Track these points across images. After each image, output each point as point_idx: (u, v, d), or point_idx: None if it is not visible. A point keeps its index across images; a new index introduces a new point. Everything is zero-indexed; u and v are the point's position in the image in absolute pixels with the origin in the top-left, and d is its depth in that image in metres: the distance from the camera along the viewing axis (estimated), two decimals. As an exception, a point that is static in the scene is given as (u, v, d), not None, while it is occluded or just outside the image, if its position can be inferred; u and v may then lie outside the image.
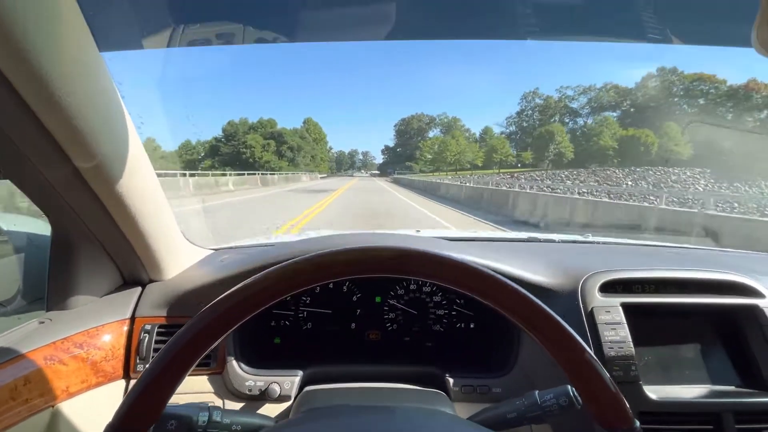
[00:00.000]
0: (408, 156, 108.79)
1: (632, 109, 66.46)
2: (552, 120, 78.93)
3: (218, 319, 0.39)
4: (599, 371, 0.38)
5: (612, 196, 16.41)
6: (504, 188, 16.59)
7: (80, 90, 0.56)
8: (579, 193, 16.58)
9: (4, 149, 0.60)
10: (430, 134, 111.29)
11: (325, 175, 75.16)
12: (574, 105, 78.43)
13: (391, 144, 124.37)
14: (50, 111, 0.54)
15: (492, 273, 0.41)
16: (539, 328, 0.39)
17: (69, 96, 0.54)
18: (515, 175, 43.22)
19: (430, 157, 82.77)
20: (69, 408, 0.74)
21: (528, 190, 14.93)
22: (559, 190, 21.30)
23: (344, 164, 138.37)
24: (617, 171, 39.27)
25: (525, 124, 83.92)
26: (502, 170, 66.51)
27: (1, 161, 0.63)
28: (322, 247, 0.45)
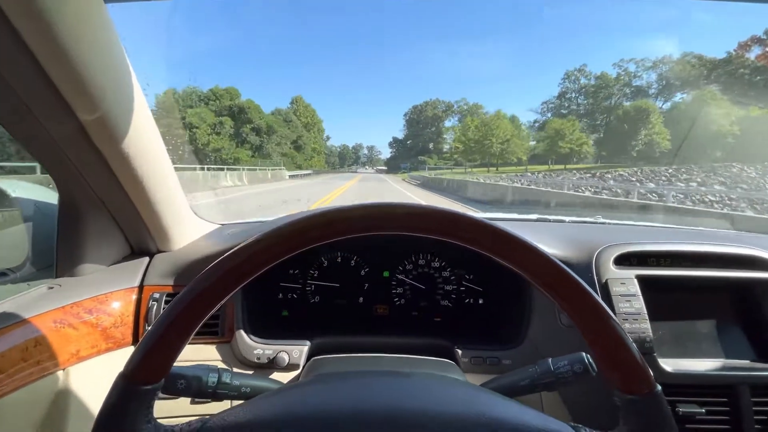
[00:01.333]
0: (420, 149, 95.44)
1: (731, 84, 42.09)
2: (607, 102, 62.24)
3: (226, 275, 0.38)
4: (622, 335, 0.37)
5: None
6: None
7: (84, 39, 0.54)
8: None
9: (9, 104, 0.58)
10: (447, 123, 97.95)
11: (308, 172, 48.19)
12: (639, 83, 61.27)
13: (401, 136, 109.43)
14: (54, 60, 0.53)
15: (516, 234, 0.40)
16: (562, 292, 0.39)
17: (73, 45, 0.53)
18: (598, 173, 26.82)
19: (460, 147, 61.18)
20: (80, 371, 0.75)
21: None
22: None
23: (348, 159, 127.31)
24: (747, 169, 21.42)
25: (565, 111, 66.93)
26: (568, 166, 45.52)
27: (9, 120, 0.62)
28: None
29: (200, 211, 1.12)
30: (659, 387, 0.38)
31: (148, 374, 0.37)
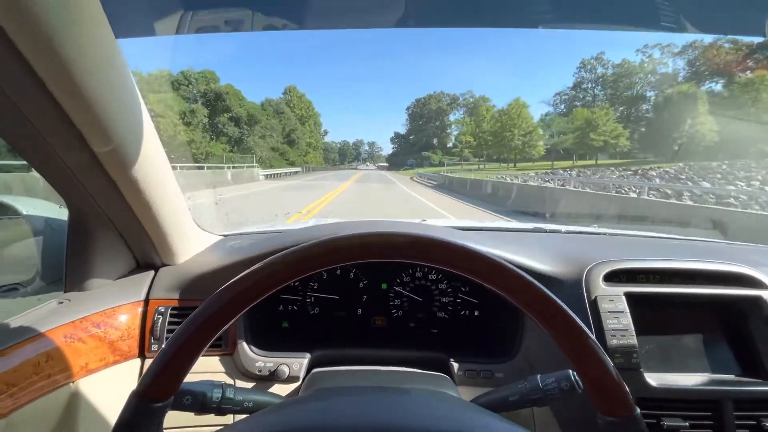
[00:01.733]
0: (424, 144, 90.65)
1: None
2: (629, 92, 57.13)
3: (234, 299, 0.41)
4: (602, 357, 0.38)
5: None
6: None
7: (99, 76, 0.57)
8: None
9: (26, 136, 0.62)
10: (452, 117, 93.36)
11: (295, 170, 42.16)
12: (664, 70, 54.14)
13: (403, 131, 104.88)
14: (71, 97, 0.55)
15: (496, 258, 0.42)
16: (542, 314, 0.40)
17: (89, 82, 0.55)
18: (640, 171, 23.47)
19: (472, 140, 59.54)
20: (88, 384, 0.78)
21: None
22: None
23: (348, 155, 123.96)
24: None
25: (579, 103, 61.52)
26: (600, 162, 40.58)
27: (24, 147, 0.65)
28: (331, 234, 0.45)
29: (202, 223, 1.15)
30: (638, 410, 0.39)
31: (160, 392, 0.39)
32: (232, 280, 0.41)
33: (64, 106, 0.56)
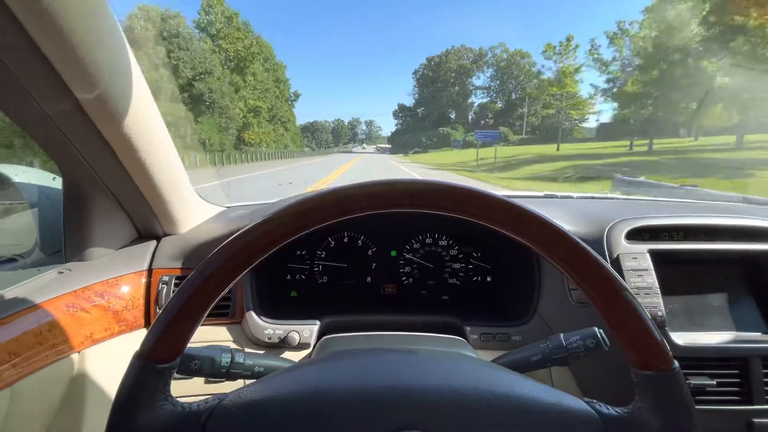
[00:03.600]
0: (437, 119, 69.50)
1: None
2: None
3: (239, 253, 0.38)
4: (639, 311, 0.37)
5: None
6: None
7: (77, 13, 0.53)
8: None
9: (4, 84, 0.57)
10: (476, 81, 71.67)
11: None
12: None
13: (409, 102, 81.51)
14: (47, 35, 0.51)
15: (530, 208, 0.39)
16: (577, 267, 0.38)
17: (66, 19, 0.51)
18: None
19: (494, 107, 50.72)
20: (95, 353, 0.76)
21: None
22: None
23: (343, 136, 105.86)
24: None
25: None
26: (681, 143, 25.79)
27: (6, 101, 0.61)
28: None
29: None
30: (677, 363, 0.37)
31: (164, 353, 0.38)
32: (236, 233, 0.39)
33: (42, 47, 0.52)
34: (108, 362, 0.78)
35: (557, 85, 46.71)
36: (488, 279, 1.09)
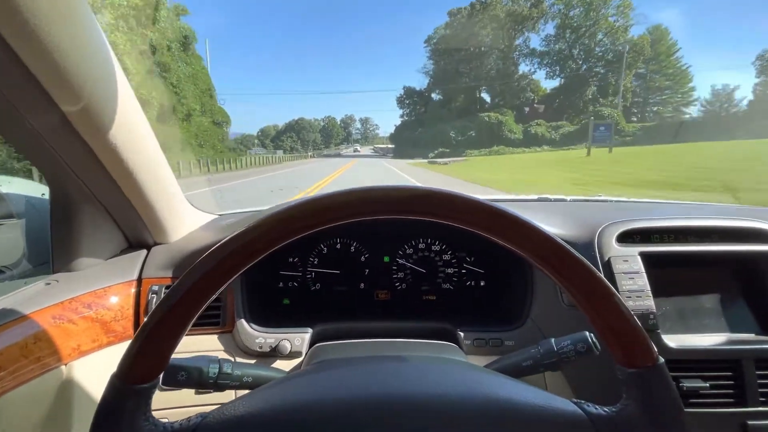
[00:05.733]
0: (464, 105, 45.07)
1: None
2: None
3: (222, 264, 0.37)
4: (622, 308, 0.37)
5: None
6: None
7: (59, 23, 0.52)
8: None
9: None
10: (533, 43, 46.00)
11: None
12: None
13: (421, 85, 56.72)
14: (29, 48, 0.50)
15: (511, 211, 0.39)
16: (558, 267, 0.38)
17: (48, 30, 0.50)
18: None
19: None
20: (82, 366, 0.74)
21: None
22: None
23: (335, 136, 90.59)
24: None
25: None
26: None
27: None
28: None
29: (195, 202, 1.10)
30: (662, 359, 0.37)
31: (143, 373, 0.36)
32: (219, 243, 0.38)
33: (24, 60, 0.51)
34: (96, 374, 0.77)
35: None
36: (481, 284, 1.09)
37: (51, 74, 0.54)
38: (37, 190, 0.90)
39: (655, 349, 0.37)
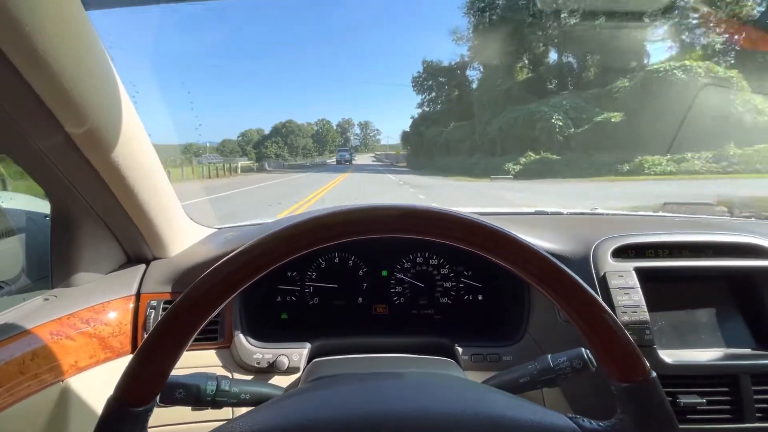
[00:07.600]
0: (537, 78, 21.61)
1: None
2: None
3: (220, 284, 0.37)
4: (612, 324, 0.37)
5: None
6: None
7: (65, 48, 0.53)
8: None
9: None
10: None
11: None
12: None
13: (448, 59, 34.67)
14: (36, 71, 0.51)
15: (504, 230, 0.39)
16: (552, 285, 0.38)
17: (54, 55, 0.51)
18: None
19: None
20: (79, 382, 0.74)
21: None
22: None
23: (329, 142, 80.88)
24: None
25: None
26: None
27: None
28: None
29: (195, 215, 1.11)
30: (654, 373, 0.38)
31: (140, 395, 0.36)
32: (217, 263, 0.38)
33: (31, 83, 0.52)
34: (93, 390, 0.76)
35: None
36: (479, 298, 1.09)
37: (58, 98, 0.55)
38: (37, 205, 0.91)
39: (647, 364, 0.37)
